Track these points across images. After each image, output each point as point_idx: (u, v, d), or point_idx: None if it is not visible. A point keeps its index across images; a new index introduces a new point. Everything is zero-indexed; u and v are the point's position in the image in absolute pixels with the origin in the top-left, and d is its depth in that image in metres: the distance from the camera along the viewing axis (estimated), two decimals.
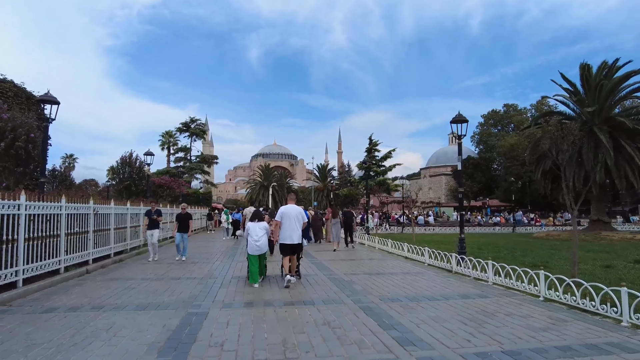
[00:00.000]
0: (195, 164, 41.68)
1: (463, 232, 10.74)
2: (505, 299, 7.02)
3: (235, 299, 6.92)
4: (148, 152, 18.09)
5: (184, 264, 11.26)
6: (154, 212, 12.22)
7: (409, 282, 8.58)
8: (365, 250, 15.51)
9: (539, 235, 23.81)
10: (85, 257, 10.04)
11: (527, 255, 13.77)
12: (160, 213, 12.59)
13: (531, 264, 11.30)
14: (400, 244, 13.70)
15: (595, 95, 21.77)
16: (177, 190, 27.29)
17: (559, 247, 16.59)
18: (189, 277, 9.10)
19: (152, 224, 12.13)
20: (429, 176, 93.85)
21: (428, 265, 11.18)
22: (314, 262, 11.80)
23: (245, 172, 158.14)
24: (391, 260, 12.38)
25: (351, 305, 6.42)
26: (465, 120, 10.52)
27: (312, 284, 8.30)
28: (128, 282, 8.39)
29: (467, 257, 9.63)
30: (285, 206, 8.61)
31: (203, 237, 22.81)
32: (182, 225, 12.37)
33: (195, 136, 42.66)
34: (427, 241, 19.18)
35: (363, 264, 11.68)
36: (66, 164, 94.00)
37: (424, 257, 11.56)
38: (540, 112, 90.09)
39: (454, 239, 22.69)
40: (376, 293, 7.40)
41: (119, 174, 29.12)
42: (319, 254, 13.93)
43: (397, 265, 11.27)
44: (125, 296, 7.06)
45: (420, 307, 6.34)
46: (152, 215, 12.13)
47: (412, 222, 17.70)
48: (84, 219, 10.15)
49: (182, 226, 12.36)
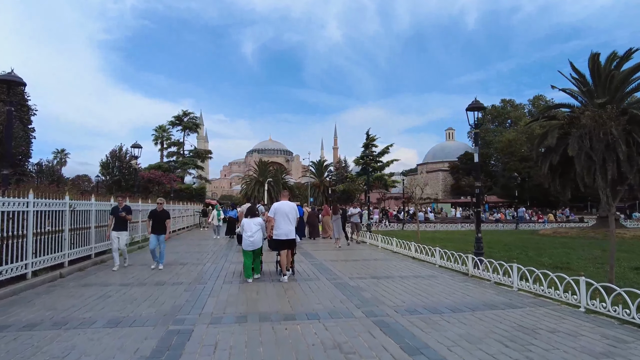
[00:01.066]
0: (188, 159, 40.45)
1: (480, 230, 9.77)
2: (540, 309, 6.06)
3: (227, 310, 5.90)
4: (135, 144, 16.96)
5: (170, 267, 10.20)
6: (121, 208, 9.84)
7: (423, 288, 7.60)
8: (368, 250, 14.54)
9: (545, 232, 22.98)
10: (59, 259, 8.97)
11: (542, 254, 12.85)
12: (129, 210, 10.11)
13: (551, 265, 10.39)
14: (407, 243, 12.73)
15: (606, 87, 20.86)
16: (168, 185, 26.13)
17: (572, 246, 15.72)
18: (175, 283, 8.07)
19: (119, 224, 9.78)
20: (426, 172, 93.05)
21: (439, 267, 10.23)
22: (314, 263, 10.81)
23: (240, 168, 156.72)
24: (397, 261, 11.41)
25: (363, 320, 5.42)
26: (482, 108, 9.54)
27: (314, 291, 7.30)
28: (104, 289, 7.34)
29: (485, 259, 8.66)
30: (279, 202, 8.67)
31: (196, 235, 21.73)
32: (158, 225, 9.94)
33: (188, 130, 41.41)
34: (430, 239, 18.29)
35: (368, 265, 10.69)
36: (57, 159, 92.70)
37: (435, 258, 10.60)
38: (538, 107, 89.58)
39: (458, 236, 21.89)
40: (389, 303, 6.41)
41: (108, 169, 27.98)
42: (319, 254, 12.94)
43: (405, 267, 10.30)
44: (97, 307, 6.02)
45: (446, 322, 5.36)
46: (119, 212, 9.76)
47: (416, 219, 16.72)
48: (58, 217, 9.07)
49: (158, 226, 9.93)
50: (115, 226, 9.73)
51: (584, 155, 19.09)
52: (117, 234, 9.68)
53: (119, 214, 9.75)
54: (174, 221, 22.42)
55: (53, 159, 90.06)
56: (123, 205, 10.10)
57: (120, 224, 9.80)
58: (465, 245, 15.59)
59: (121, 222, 9.83)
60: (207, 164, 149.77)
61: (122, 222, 9.86)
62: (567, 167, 22.36)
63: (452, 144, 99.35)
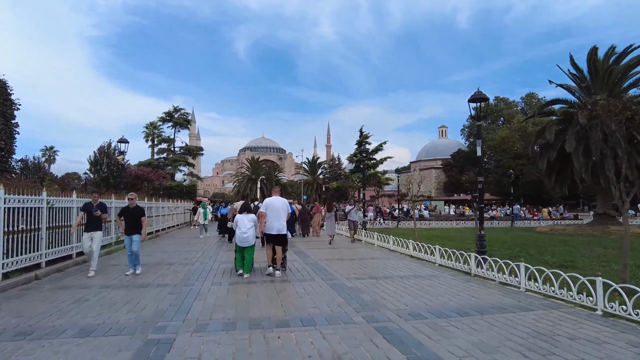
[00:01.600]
0: (179, 156, 39.65)
1: (483, 228, 9.32)
2: (554, 312, 5.62)
3: (214, 316, 5.38)
4: (122, 139, 16.28)
5: (156, 267, 9.63)
6: (96, 206, 8.60)
7: (425, 289, 7.13)
8: (364, 248, 14.06)
9: (542, 230, 22.69)
10: (34, 259, 8.36)
11: (544, 253, 12.47)
12: (104, 208, 8.84)
13: (555, 264, 9.99)
14: (404, 241, 12.27)
15: (604, 82, 20.61)
16: (157, 182, 25.41)
17: (572, 244, 15.38)
18: (159, 284, 7.51)
19: (93, 224, 8.57)
20: (419, 169, 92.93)
21: (439, 266, 9.78)
22: (309, 262, 10.31)
23: (232, 166, 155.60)
24: (395, 260, 10.94)
25: (364, 326, 4.93)
26: (485, 99, 9.08)
27: (309, 293, 6.79)
28: (82, 292, 6.77)
29: (489, 258, 8.21)
30: (270, 198, 8.87)
31: (186, 234, 21.10)
32: (131, 224, 8.60)
33: (179, 126, 40.60)
34: (427, 237, 17.85)
35: (365, 264, 10.21)
36: (46, 156, 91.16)
37: (435, 257, 10.15)
38: (530, 105, 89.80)
39: (454, 234, 21.51)
40: (391, 306, 5.93)
41: (97, 166, 27.22)
42: (313, 252, 12.44)
43: (404, 266, 9.83)
44: (70, 313, 5.46)
45: (454, 328, 4.89)
46: (94, 210, 8.52)
47: (413, 217, 16.27)
48: (34, 214, 8.46)
49: (131, 225, 8.59)
50: (88, 225, 8.58)
51: (582, 152, 18.87)
52: (90, 234, 8.50)
53: (92, 212, 8.52)
54: (164, 219, 21.82)
55: (42, 156, 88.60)
56: (98, 202, 8.81)
57: (93, 223, 8.59)
58: (463, 244, 15.20)
59: (95, 222, 8.61)
60: (198, 162, 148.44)
61: (96, 221, 8.64)
62: (564, 163, 22.12)
63: (445, 141, 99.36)
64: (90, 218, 8.60)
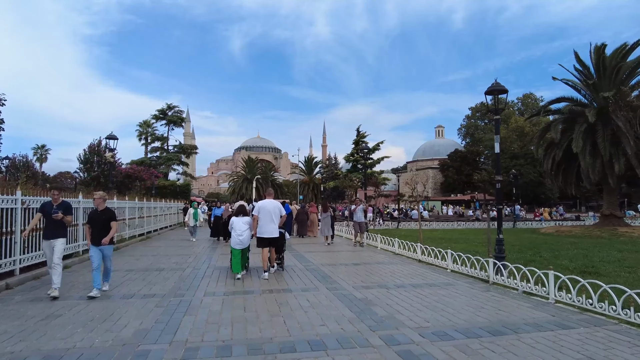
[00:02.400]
0: (172, 154, 38.67)
1: (501, 231, 8.57)
2: (599, 331, 4.88)
3: (206, 337, 4.58)
4: (111, 135, 15.39)
5: (144, 274, 8.80)
6: (56, 206, 6.74)
7: (444, 301, 6.37)
8: (367, 252, 13.29)
9: (547, 231, 22.05)
10: (7, 266, 7.51)
11: (558, 257, 11.77)
12: (69, 209, 6.96)
13: (576, 269, 9.28)
14: (412, 245, 11.52)
15: (611, 79, 19.99)
16: (148, 181, 24.46)
17: (583, 246, 14.71)
18: (146, 295, 6.70)
19: (53, 228, 6.72)
20: (416, 169, 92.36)
21: (452, 272, 9.04)
22: (310, 268, 9.52)
23: (227, 165, 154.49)
24: (403, 265, 10.18)
25: (384, 351, 4.16)
26: (504, 91, 8.33)
27: (314, 306, 6.01)
28: (55, 306, 5.94)
29: (510, 265, 7.47)
30: (263, 201, 8.71)
31: (179, 235, 20.22)
32: (99, 231, 6.74)
33: (172, 124, 39.62)
34: (430, 239, 17.18)
35: (371, 270, 9.44)
36: (38, 155, 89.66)
37: (447, 262, 9.40)
38: (527, 105, 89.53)
39: (457, 235, 20.79)
40: (411, 323, 5.17)
41: (87, 164, 26.27)
42: (313, 256, 11.66)
43: (414, 273, 9.07)
44: (35, 334, 4.64)
45: (490, 352, 4.14)
46: (54, 212, 6.64)
47: (418, 218, 15.48)
48: (7, 215, 7.62)
49: (99, 233, 6.73)
50: (47, 231, 6.80)
51: (589, 151, 18.23)
52: (49, 243, 6.71)
53: (52, 214, 6.64)
54: (156, 220, 20.94)
55: (33, 154, 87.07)
56: (59, 201, 6.93)
57: (54, 228, 6.74)
58: (471, 246, 14.53)
59: (55, 226, 6.74)
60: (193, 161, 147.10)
61: (58, 225, 6.75)
62: (570, 163, 21.50)
63: (442, 141, 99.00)
64: (49, 222, 6.76)
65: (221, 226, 16.02)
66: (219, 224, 16.26)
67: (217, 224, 16.54)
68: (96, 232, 6.77)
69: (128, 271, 9.05)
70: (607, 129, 18.94)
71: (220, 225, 16.07)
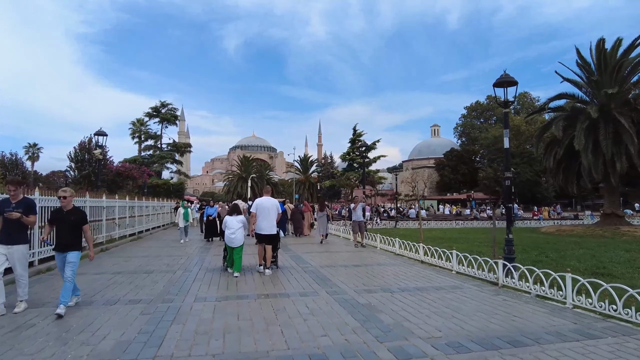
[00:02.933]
0: (166, 153, 37.96)
1: (511, 231, 8.13)
2: (631, 341, 4.45)
3: (194, 350, 4.08)
4: (100, 131, 14.81)
5: (132, 277, 8.28)
6: (15, 204, 5.59)
7: (453, 306, 5.91)
8: (366, 252, 12.82)
9: (548, 230, 21.68)
10: None
11: (566, 257, 11.35)
12: (31, 208, 5.80)
13: (587, 271, 8.88)
14: (414, 245, 11.05)
15: (613, 76, 19.64)
16: (140, 179, 23.81)
17: (588, 246, 14.33)
18: (131, 300, 6.19)
19: (10, 231, 5.56)
20: (412, 169, 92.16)
21: (457, 274, 8.60)
22: (308, 270, 9.03)
23: (223, 164, 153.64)
24: (405, 267, 9.72)
25: None
26: (514, 83, 7.87)
27: (314, 313, 5.52)
28: (29, 314, 5.40)
29: (522, 267, 7.02)
30: (261, 198, 8.90)
31: (172, 235, 19.64)
32: (65, 236, 5.69)
33: (166, 122, 38.90)
34: (430, 238, 16.77)
35: (372, 272, 8.96)
36: (30, 153, 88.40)
37: (452, 263, 8.95)
38: (523, 104, 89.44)
39: (457, 235, 20.34)
40: (421, 332, 4.69)
41: (77, 162, 25.61)
42: (311, 257, 11.18)
43: (418, 275, 8.61)
44: (0, 349, 4.13)
45: None
46: (9, 210, 5.48)
47: (419, 217, 14.97)
48: None
49: (65, 238, 5.69)
50: (2, 235, 5.54)
51: (591, 148, 17.87)
52: (5, 248, 5.49)
53: (5, 213, 5.48)
54: (147, 219, 20.36)
55: (24, 153, 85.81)
56: (19, 198, 5.73)
57: (11, 230, 5.56)
58: (473, 246, 14.12)
59: (14, 228, 5.56)
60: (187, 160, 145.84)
61: (16, 227, 5.58)
62: (571, 161, 21.16)
63: (438, 140, 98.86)
64: (5, 223, 5.55)
65: (214, 226, 15.52)
66: (212, 224, 15.63)
67: (210, 224, 15.74)
68: (62, 237, 5.71)
69: (115, 274, 8.52)
70: (609, 126, 18.60)
71: (214, 225, 15.54)
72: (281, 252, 12.17)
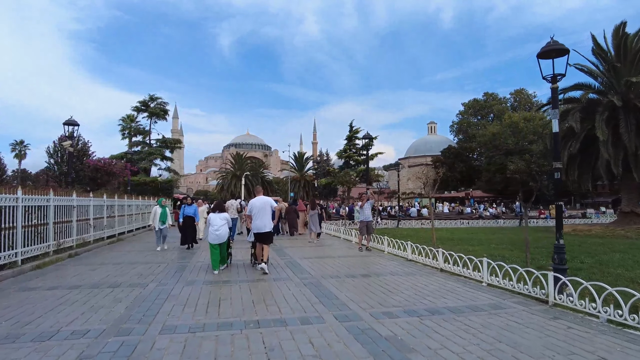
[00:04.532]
0: (154, 149, 36.12)
1: (562, 234, 6.65)
2: None
3: None
4: (70, 120, 13.09)
5: (92, 292, 6.67)
6: None
7: (508, 339, 4.39)
8: (374, 257, 11.27)
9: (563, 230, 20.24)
10: None
11: (603, 262, 9.89)
12: None
13: None
14: (429, 250, 9.53)
15: (634, 64, 18.22)
16: (120, 175, 22.00)
17: (617, 248, 12.98)
18: (74, 333, 4.59)
19: None
20: (408, 166, 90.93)
21: (488, 287, 7.10)
22: (308, 282, 7.49)
23: (217, 163, 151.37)
24: (423, 277, 8.19)
25: None
26: (564, 51, 6.30)
27: (322, 354, 3.97)
28: None
29: (586, 282, 5.51)
30: (254, 199, 9.09)
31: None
32: None
33: (155, 117, 37.05)
34: (439, 239, 15.27)
35: (387, 285, 7.41)
36: (16, 151, 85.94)
37: (481, 274, 7.44)
38: (520, 101, 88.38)
39: (466, 235, 18.82)
40: None
41: (57, 158, 23.85)
42: (309, 264, 9.65)
43: (441, 288, 7.08)
44: None
45: None
46: None
47: (430, 216, 13.32)
48: None
49: None
50: None
51: (611, 141, 16.43)
52: None
53: None
54: (130, 220, 18.68)
55: (11, 151, 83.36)
56: None
57: None
58: (490, 249, 12.74)
59: None
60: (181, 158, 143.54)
61: None
62: (586, 155, 19.76)
63: (435, 137, 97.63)
64: None
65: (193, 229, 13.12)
66: (190, 226, 12.93)
67: (187, 227, 12.85)
68: None
69: (72, 289, 6.92)
70: (630, 117, 17.22)
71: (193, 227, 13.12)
72: (275, 257, 10.65)
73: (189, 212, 13.00)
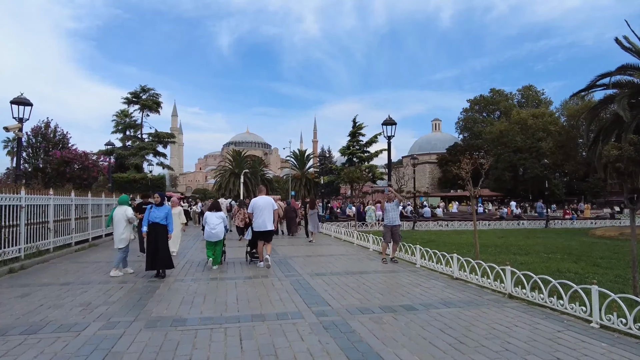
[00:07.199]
0: (146, 143, 33.55)
1: None
2: None
3: None
4: (20, 98, 10.49)
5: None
6: None
7: None
8: (405, 273, 8.72)
9: (606, 233, 17.74)
10: None
11: None
12: None
13: None
14: (491, 267, 7.00)
15: None
16: (94, 169, 19.30)
17: None
18: None
19: None
20: (411, 165, 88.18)
21: (601, 330, 4.60)
22: (326, 321, 5.00)
23: (216, 161, 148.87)
24: (492, 309, 5.68)
25: None
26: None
27: None
28: None
29: None
30: (256, 198, 9.26)
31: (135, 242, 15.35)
32: None
33: (147, 109, 34.49)
34: (465, 245, 12.91)
35: (447, 327, 4.92)
36: (8, 148, 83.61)
37: (553, 299, 4.97)
38: (527, 97, 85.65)
39: (492, 240, 16.40)
40: None
41: (32, 150, 21.33)
42: (323, 282, 7.16)
43: (539, 335, 4.55)
44: None
45: None
46: None
47: (474, 218, 10.71)
48: None
49: None
50: None
51: None
52: None
53: None
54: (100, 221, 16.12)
55: (3, 148, 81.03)
56: None
57: None
58: (549, 262, 10.24)
59: None
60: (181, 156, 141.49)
61: None
62: None
63: (439, 135, 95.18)
64: None
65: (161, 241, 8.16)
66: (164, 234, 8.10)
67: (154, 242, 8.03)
68: None
69: None
70: None
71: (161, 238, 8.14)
72: (277, 271, 8.15)
73: (156, 218, 8.07)
